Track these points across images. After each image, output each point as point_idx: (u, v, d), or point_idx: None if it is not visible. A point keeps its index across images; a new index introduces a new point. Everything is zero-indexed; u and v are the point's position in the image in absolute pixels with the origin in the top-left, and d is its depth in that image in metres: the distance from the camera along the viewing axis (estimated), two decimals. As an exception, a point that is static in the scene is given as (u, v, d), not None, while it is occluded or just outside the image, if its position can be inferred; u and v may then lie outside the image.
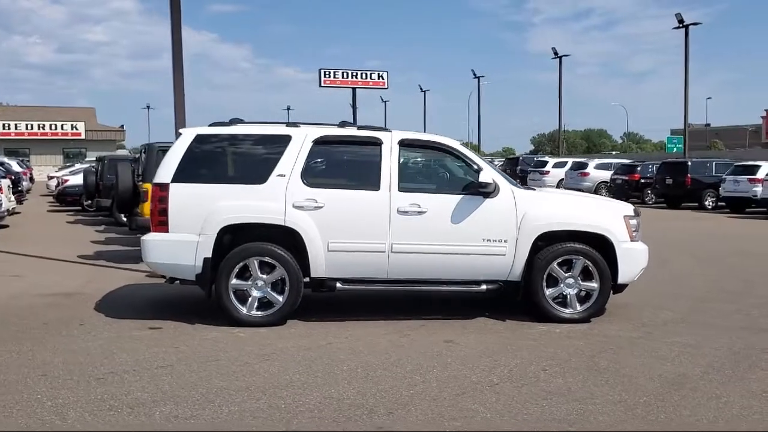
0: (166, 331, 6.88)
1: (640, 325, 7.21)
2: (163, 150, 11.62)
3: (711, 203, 26.43)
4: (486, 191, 7.15)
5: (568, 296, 7.32)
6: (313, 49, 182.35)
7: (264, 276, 7.06)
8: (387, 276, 7.23)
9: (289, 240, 7.14)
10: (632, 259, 7.38)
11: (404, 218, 7.12)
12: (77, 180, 23.31)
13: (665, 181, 27.74)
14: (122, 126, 60.31)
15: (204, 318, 7.30)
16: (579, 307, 7.32)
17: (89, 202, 21.76)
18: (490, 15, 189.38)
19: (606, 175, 32.98)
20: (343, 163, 7.54)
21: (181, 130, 7.38)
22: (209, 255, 6.97)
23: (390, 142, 7.30)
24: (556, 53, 46.15)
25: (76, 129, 57.00)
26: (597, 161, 36.01)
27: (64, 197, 24.30)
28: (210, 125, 7.45)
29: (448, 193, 7.30)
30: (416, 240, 7.15)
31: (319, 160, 7.30)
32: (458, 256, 7.22)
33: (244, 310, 7.04)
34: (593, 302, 7.32)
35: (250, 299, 7.07)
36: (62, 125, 57.08)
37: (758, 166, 24.83)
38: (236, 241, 7.12)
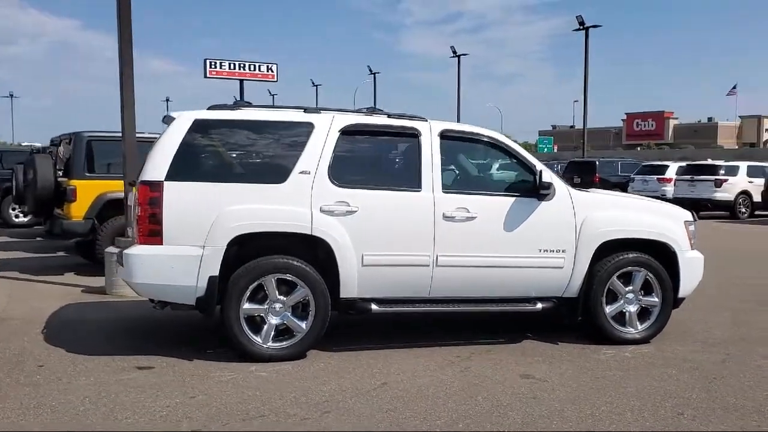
0: (162, 371, 5.34)
1: (706, 345, 6.38)
2: (94, 140, 9.84)
3: (619, 202, 26.76)
4: (546, 192, 6.09)
5: (627, 314, 6.39)
6: (185, 41, 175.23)
7: (283, 298, 5.66)
8: (429, 294, 6.01)
9: (310, 252, 5.79)
10: (693, 270, 6.56)
11: (451, 225, 5.92)
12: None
13: (573, 180, 27.76)
14: (-18, 115, 54.58)
15: (198, 350, 5.83)
16: (639, 326, 6.40)
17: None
18: (366, 14, 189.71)
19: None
20: (375, 158, 6.24)
21: (173, 114, 5.80)
22: (216, 272, 5.48)
23: (429, 134, 6.07)
24: (454, 52, 46.06)
25: (-73, 117, 50.83)
26: (501, 161, 36.03)
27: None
28: (209, 108, 5.93)
29: (499, 195, 6.18)
30: (464, 251, 5.97)
31: (347, 153, 5.95)
32: (511, 269, 6.11)
33: (259, 341, 5.60)
34: (655, 320, 6.41)
35: (265, 327, 5.63)
36: None
37: (666, 166, 25.41)
38: (243, 254, 5.66)
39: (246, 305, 5.57)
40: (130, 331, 6.74)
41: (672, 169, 24.75)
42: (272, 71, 51.81)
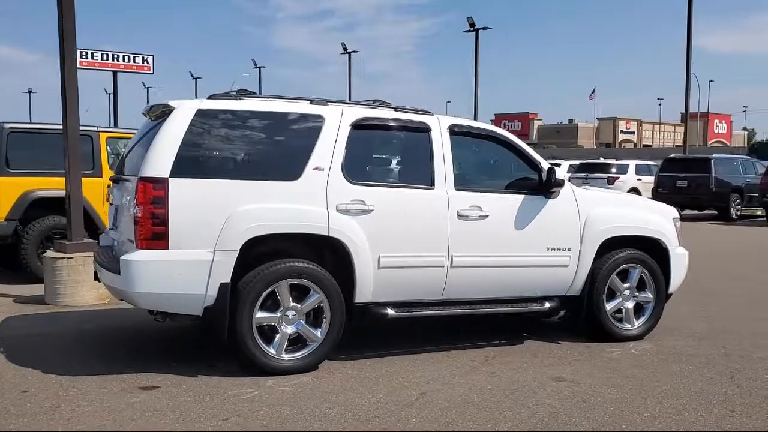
0: (170, 390, 4.76)
1: (695, 339, 6.49)
2: (15, 132, 8.86)
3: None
4: (555, 190, 5.99)
5: (624, 310, 6.42)
6: (42, 29, 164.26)
7: (296, 304, 5.22)
8: (441, 297, 5.76)
9: (318, 255, 5.39)
10: (681, 266, 6.68)
11: (465, 224, 5.70)
12: None
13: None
14: None
15: (194, 363, 5.30)
16: (636, 322, 6.45)
17: None
18: (236, 8, 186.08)
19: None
20: (386, 154, 5.91)
21: (171, 103, 5.19)
22: (228, 279, 4.97)
23: (439, 129, 5.82)
24: (345, 49, 45.79)
25: None
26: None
27: None
28: (209, 98, 5.37)
29: (508, 193, 6.01)
30: (478, 251, 5.76)
31: (359, 148, 5.58)
32: (521, 269, 5.97)
33: (273, 352, 5.13)
34: (649, 316, 6.48)
35: (278, 337, 5.18)
36: None
37: (557, 164, 26.36)
38: (248, 259, 5.14)
39: (259, 314, 5.09)
40: (103, 345, 6.03)
41: (563, 168, 25.73)
42: (148, 63, 49.60)
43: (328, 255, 5.39)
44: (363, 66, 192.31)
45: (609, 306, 6.30)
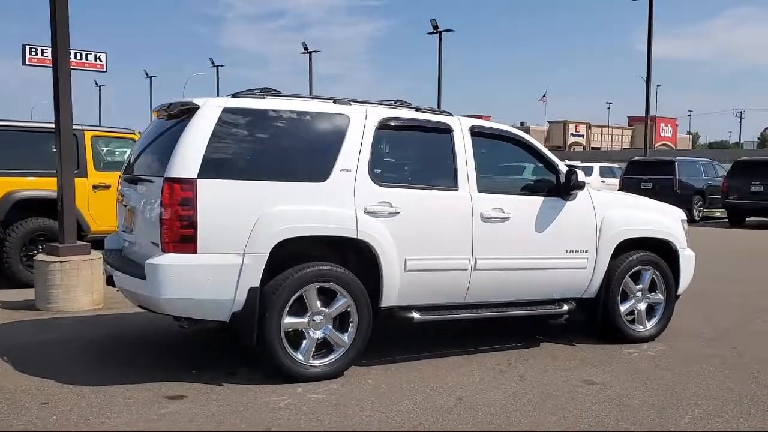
0: (200, 399, 4.57)
1: (704, 339, 6.55)
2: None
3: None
4: (574, 192, 5.98)
5: (636, 312, 6.44)
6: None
7: (325, 309, 5.08)
8: (464, 300, 5.69)
9: (344, 257, 5.26)
10: (689, 267, 6.76)
11: (488, 226, 5.64)
12: None
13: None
14: None
15: (213, 370, 5.14)
16: (648, 324, 6.49)
17: None
18: (184, 6, 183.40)
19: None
20: (410, 155, 5.80)
21: (196, 101, 4.98)
22: (257, 283, 4.80)
23: (460, 130, 5.75)
24: (306, 48, 45.35)
25: None
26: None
27: None
28: (233, 96, 5.18)
29: (528, 195, 5.99)
30: (501, 253, 5.71)
31: (384, 149, 5.48)
32: (541, 271, 5.94)
33: (301, 358, 4.99)
34: (660, 317, 6.53)
35: (306, 342, 5.03)
36: None
37: (524, 167, 26.58)
38: (275, 263, 4.96)
39: (287, 319, 4.93)
40: (112, 352, 5.77)
41: (528, 170, 25.92)
42: (101, 60, 48.62)
43: (352, 258, 5.27)
44: (315, 66, 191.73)
45: (623, 308, 6.32)
